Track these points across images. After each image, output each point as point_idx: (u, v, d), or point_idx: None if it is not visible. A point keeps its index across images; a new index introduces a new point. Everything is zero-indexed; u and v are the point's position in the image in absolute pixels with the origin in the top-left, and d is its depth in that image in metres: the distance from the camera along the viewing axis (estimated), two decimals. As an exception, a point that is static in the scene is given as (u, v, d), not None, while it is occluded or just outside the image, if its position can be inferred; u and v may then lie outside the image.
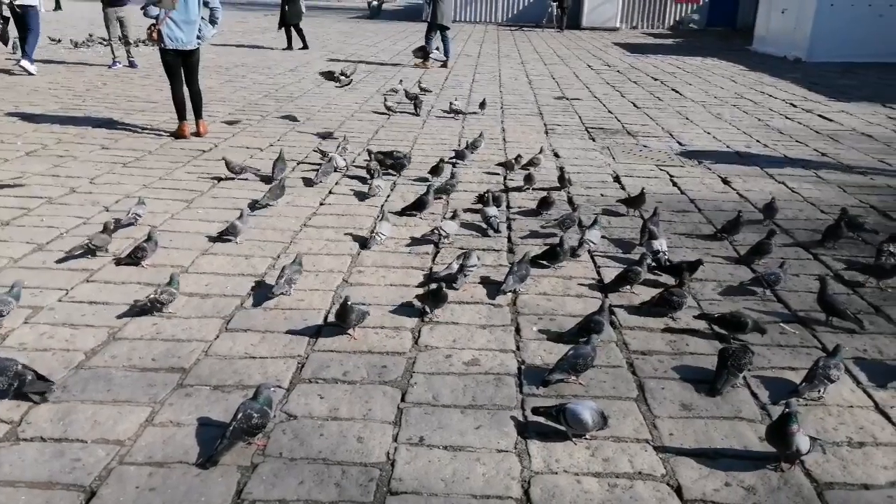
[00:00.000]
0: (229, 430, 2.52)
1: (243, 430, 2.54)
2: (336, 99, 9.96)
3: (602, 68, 14.50)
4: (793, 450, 2.52)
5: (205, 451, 2.54)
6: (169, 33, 6.74)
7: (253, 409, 2.57)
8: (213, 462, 2.49)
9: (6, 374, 2.76)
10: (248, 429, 2.55)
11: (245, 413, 2.55)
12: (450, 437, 2.70)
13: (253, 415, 2.56)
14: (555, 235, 4.77)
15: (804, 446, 2.51)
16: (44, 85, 10.10)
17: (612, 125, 8.73)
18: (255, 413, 2.56)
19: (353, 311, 3.35)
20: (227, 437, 2.51)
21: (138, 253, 4.06)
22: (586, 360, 3.00)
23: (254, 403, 2.60)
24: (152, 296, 3.54)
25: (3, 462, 2.48)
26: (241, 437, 2.55)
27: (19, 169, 5.92)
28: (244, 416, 2.55)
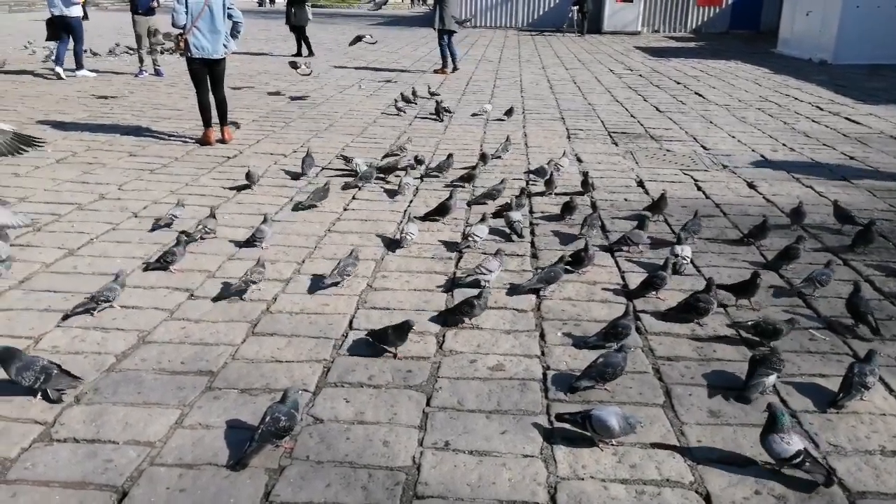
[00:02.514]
0: (258, 433, 2.55)
1: (271, 433, 2.56)
2: (358, 105, 10.03)
3: (624, 72, 14.44)
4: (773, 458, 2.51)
5: (234, 454, 2.57)
6: (195, 42, 6.86)
7: (281, 413, 2.59)
8: (242, 465, 2.51)
9: (33, 369, 2.82)
10: (276, 431, 2.57)
11: (273, 416, 2.58)
12: (475, 442, 2.70)
13: (281, 418, 2.58)
14: (579, 237, 4.77)
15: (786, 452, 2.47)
16: (73, 93, 10.30)
17: (635, 129, 8.68)
18: (282, 416, 2.59)
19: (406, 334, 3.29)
20: (255, 439, 2.54)
21: (168, 258, 4.12)
22: (615, 368, 2.98)
23: (281, 406, 2.63)
24: (245, 277, 3.83)
25: (38, 462, 2.53)
26: (270, 439, 2.57)
27: (50, 176, 6.05)
28: (272, 420, 2.57)
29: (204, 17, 6.78)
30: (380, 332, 3.33)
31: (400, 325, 3.29)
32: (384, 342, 3.30)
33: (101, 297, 3.61)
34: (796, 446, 2.48)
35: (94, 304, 3.60)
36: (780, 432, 2.50)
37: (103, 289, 3.67)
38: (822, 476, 2.46)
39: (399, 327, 3.28)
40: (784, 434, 2.50)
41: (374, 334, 3.34)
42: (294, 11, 15.50)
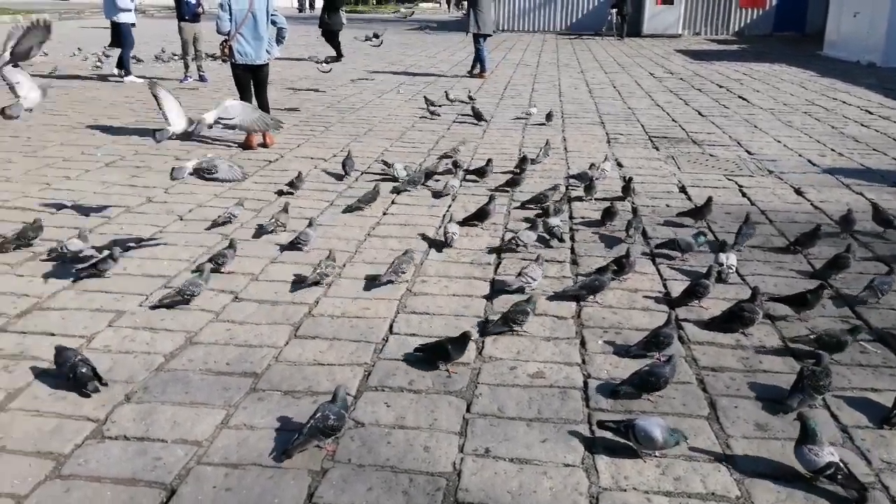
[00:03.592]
0: (306, 427, 2.61)
1: (319, 430, 2.61)
2: (396, 110, 10.10)
3: (665, 76, 14.26)
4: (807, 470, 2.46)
5: (278, 455, 2.62)
6: (239, 49, 7.01)
7: (331, 411, 2.65)
8: (287, 455, 2.57)
9: (65, 364, 2.99)
10: (324, 429, 2.62)
11: (323, 413, 2.64)
12: (515, 450, 2.70)
13: (330, 416, 2.63)
14: (624, 241, 4.74)
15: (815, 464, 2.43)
16: (121, 99, 10.60)
17: (677, 134, 8.56)
18: (332, 414, 2.64)
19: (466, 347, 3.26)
20: (303, 433, 2.60)
21: (219, 259, 4.21)
22: (659, 378, 2.94)
23: (332, 405, 2.68)
24: (319, 270, 4.04)
25: (90, 458, 2.61)
26: (317, 435, 2.62)
27: (100, 179, 6.23)
28: (321, 416, 2.63)
29: (247, 23, 6.92)
30: (436, 347, 3.25)
31: (459, 337, 3.23)
32: (443, 357, 3.22)
33: (186, 292, 3.77)
34: (826, 458, 2.42)
35: (181, 297, 3.76)
36: (811, 444, 2.45)
37: (188, 283, 3.82)
38: (856, 492, 2.40)
39: (458, 340, 3.22)
40: (815, 446, 2.45)
41: (429, 349, 3.27)
42: (328, 16, 15.72)
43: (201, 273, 3.92)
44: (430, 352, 3.26)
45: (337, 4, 15.90)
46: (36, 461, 2.59)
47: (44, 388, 3.03)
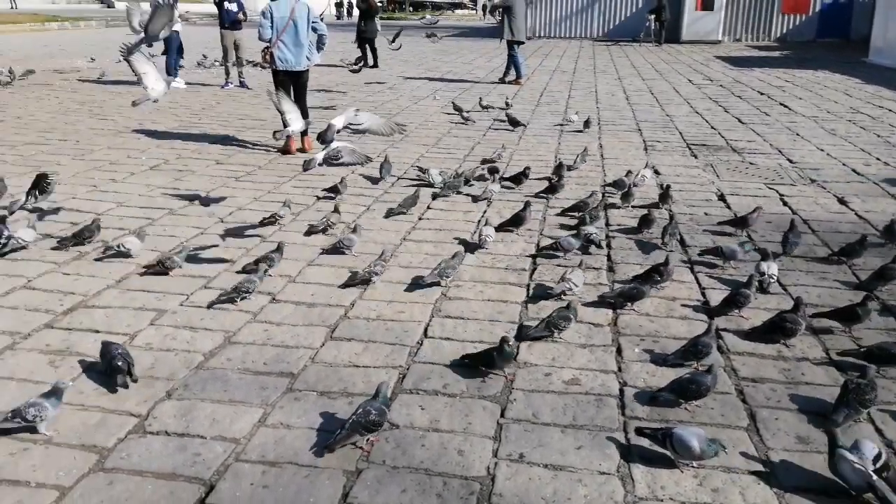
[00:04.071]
0: (348, 423, 2.65)
1: (361, 425, 2.65)
2: (433, 116, 10.15)
3: (704, 83, 14.07)
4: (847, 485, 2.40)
5: (315, 455, 2.65)
6: (280, 55, 7.14)
7: (372, 407, 2.69)
8: (329, 450, 2.63)
9: (106, 356, 3.14)
10: (366, 424, 2.66)
11: (364, 409, 2.69)
12: (550, 456, 2.68)
13: (371, 411, 2.67)
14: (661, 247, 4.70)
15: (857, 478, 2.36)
16: (165, 104, 10.85)
17: (716, 141, 8.44)
18: (374, 410, 2.68)
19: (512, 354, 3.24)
20: (345, 428, 2.64)
21: (268, 262, 4.28)
22: (699, 387, 2.89)
23: (374, 402, 2.72)
24: (368, 268, 4.16)
25: (133, 453, 2.67)
26: (359, 430, 2.65)
27: (145, 182, 6.39)
28: (363, 412, 2.67)
29: (289, 30, 7.04)
30: (483, 355, 3.24)
31: (498, 347, 3.20)
32: (489, 365, 3.20)
33: (242, 289, 3.87)
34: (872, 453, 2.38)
35: (237, 294, 3.87)
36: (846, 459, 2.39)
37: (244, 281, 3.92)
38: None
39: (499, 349, 3.19)
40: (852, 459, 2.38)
41: (476, 357, 3.25)
42: (364, 24, 16.05)
43: (257, 272, 4.03)
44: (477, 361, 3.24)
45: (372, 12, 16.25)
46: (80, 454, 2.66)
47: (88, 384, 3.12)
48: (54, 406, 2.76)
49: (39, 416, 2.71)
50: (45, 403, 2.74)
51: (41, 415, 2.71)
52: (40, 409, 2.72)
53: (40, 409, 2.72)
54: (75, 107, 10.46)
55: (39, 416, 2.71)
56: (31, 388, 3.06)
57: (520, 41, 13.49)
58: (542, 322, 3.56)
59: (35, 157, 7.32)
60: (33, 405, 2.73)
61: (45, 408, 2.73)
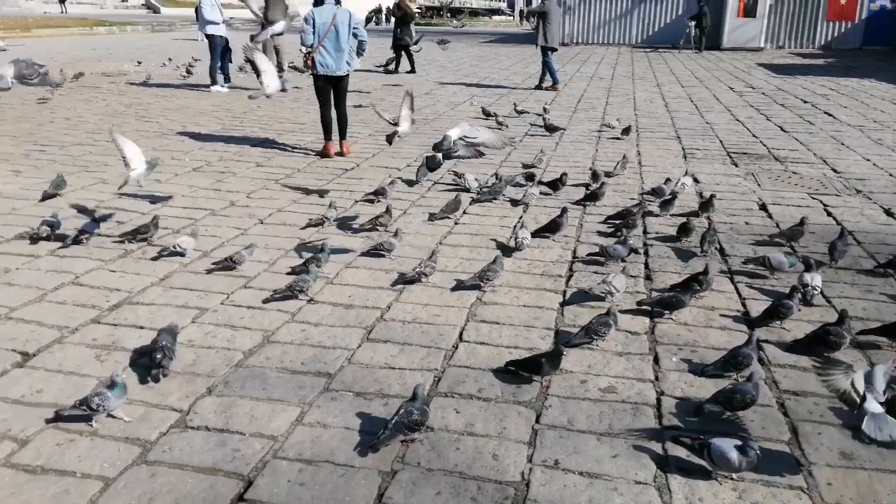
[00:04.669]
0: (392, 423, 2.69)
1: (404, 425, 2.69)
2: (470, 122, 10.16)
3: (745, 90, 13.84)
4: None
5: (350, 454, 2.69)
6: (321, 60, 7.25)
7: (414, 408, 2.74)
8: (374, 449, 2.68)
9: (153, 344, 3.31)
10: (409, 424, 2.70)
11: (406, 409, 2.73)
12: (585, 464, 2.67)
13: (413, 411, 2.72)
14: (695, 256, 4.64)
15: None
16: (208, 107, 11.10)
17: (758, 150, 8.29)
18: (415, 410, 2.73)
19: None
20: (389, 428, 2.68)
21: (315, 262, 4.35)
22: (745, 396, 2.85)
23: (415, 403, 2.76)
24: (418, 268, 4.24)
25: (175, 446, 2.74)
26: (402, 430, 2.70)
27: (188, 183, 6.54)
28: (405, 412, 2.72)
29: (330, 36, 7.14)
30: (529, 362, 3.22)
31: (551, 352, 3.20)
32: (536, 371, 3.18)
33: (296, 288, 3.96)
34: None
35: (291, 292, 3.96)
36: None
37: (298, 280, 4.00)
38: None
39: (551, 355, 3.19)
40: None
41: (521, 364, 3.23)
42: (400, 30, 16.26)
43: (309, 272, 4.13)
44: (523, 367, 3.22)
45: (408, 19, 16.48)
46: (124, 446, 2.74)
47: (133, 378, 3.20)
48: (118, 397, 2.87)
49: (103, 406, 2.82)
50: (108, 394, 2.85)
51: (105, 404, 2.82)
52: (103, 399, 2.83)
53: (103, 399, 2.83)
54: (122, 109, 10.75)
55: (103, 406, 2.82)
56: (78, 381, 3.17)
57: (553, 48, 13.46)
58: (582, 330, 3.53)
59: (84, 157, 7.55)
60: (98, 395, 2.84)
61: (108, 398, 2.84)
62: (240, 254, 4.45)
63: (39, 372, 3.25)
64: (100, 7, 45.31)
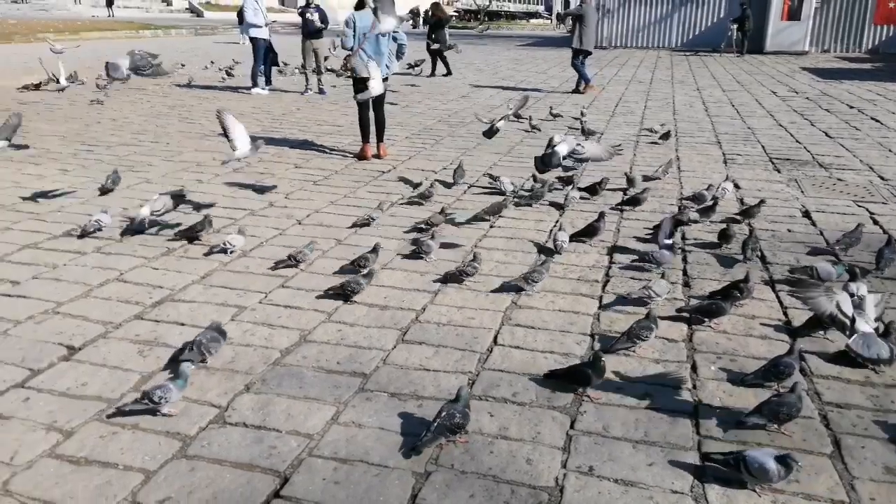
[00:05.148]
0: (434, 425, 2.70)
1: (446, 427, 2.71)
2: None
3: (789, 95, 13.55)
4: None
5: (385, 454, 2.71)
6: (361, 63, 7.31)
7: (456, 410, 2.74)
8: (417, 451, 2.69)
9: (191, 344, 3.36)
10: (451, 426, 2.71)
11: (449, 412, 2.73)
12: (621, 471, 2.64)
13: (456, 414, 2.73)
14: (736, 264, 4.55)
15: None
16: (248, 109, 11.30)
17: (801, 156, 8.11)
18: (457, 413, 2.74)
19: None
20: (431, 430, 2.69)
21: (361, 262, 4.41)
22: (791, 409, 2.78)
23: (456, 405, 2.77)
24: (461, 267, 4.32)
25: (213, 442, 2.79)
26: (444, 432, 2.71)
27: (228, 183, 6.66)
28: (448, 415, 2.72)
29: (370, 39, 7.20)
30: (573, 371, 3.17)
31: (593, 361, 3.14)
32: (581, 381, 3.13)
33: (348, 287, 4.02)
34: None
35: (343, 291, 4.01)
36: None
37: (352, 280, 4.06)
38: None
39: (593, 363, 3.13)
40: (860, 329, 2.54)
41: (564, 373, 3.19)
42: (435, 35, 16.35)
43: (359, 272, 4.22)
44: (566, 377, 3.18)
45: (442, 23, 16.59)
46: (165, 440, 2.80)
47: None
48: (179, 389, 2.95)
49: (165, 398, 2.89)
50: (171, 386, 2.93)
51: (166, 396, 2.90)
52: (165, 392, 2.90)
53: (165, 392, 2.90)
54: (165, 110, 11.01)
55: (165, 398, 2.89)
56: (121, 375, 3.26)
57: (588, 51, 13.38)
58: (624, 335, 3.48)
59: (129, 157, 7.75)
60: (160, 387, 2.91)
61: (170, 390, 2.92)
62: (302, 252, 4.57)
63: (85, 366, 3.35)
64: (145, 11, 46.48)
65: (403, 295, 4.19)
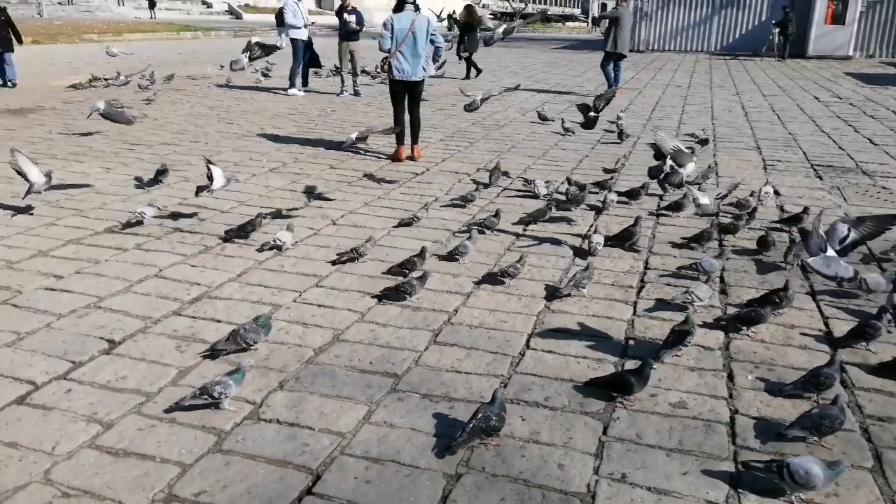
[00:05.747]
0: (469, 427, 2.70)
1: (481, 429, 2.71)
2: (539, 128, 10.12)
3: (832, 100, 13.24)
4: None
5: (416, 455, 2.72)
6: (397, 65, 7.37)
7: (491, 412, 2.74)
8: (451, 452, 2.69)
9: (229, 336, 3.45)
10: (486, 429, 2.71)
11: (484, 414, 2.73)
12: (654, 479, 2.61)
13: (492, 416, 2.72)
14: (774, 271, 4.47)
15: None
16: (284, 110, 11.45)
17: (844, 163, 7.92)
18: (493, 415, 2.73)
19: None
20: (466, 431, 2.69)
21: (408, 266, 4.43)
22: (833, 421, 2.72)
23: (492, 407, 2.76)
24: (504, 268, 4.34)
25: (248, 437, 2.83)
26: (479, 434, 2.71)
27: (264, 183, 6.76)
28: (483, 417, 2.72)
29: (408, 42, 7.25)
30: (615, 381, 3.11)
31: (639, 369, 3.08)
32: (625, 391, 3.06)
33: (402, 289, 4.07)
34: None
35: (397, 293, 4.07)
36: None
37: (406, 282, 4.09)
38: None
39: (639, 372, 3.08)
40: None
41: (607, 382, 3.14)
42: (467, 38, 16.37)
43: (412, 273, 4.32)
44: (606, 386, 3.13)
45: (474, 27, 16.63)
46: (200, 434, 2.85)
47: (211, 368, 3.33)
48: (237, 383, 2.99)
49: (224, 394, 2.94)
50: (229, 381, 2.97)
51: (226, 392, 2.94)
52: (225, 387, 2.94)
53: (225, 387, 2.94)
54: (205, 111, 11.21)
55: (224, 394, 2.94)
56: (159, 370, 3.32)
57: (622, 55, 13.25)
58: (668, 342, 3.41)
59: (169, 156, 7.90)
60: (219, 383, 2.95)
61: (230, 385, 2.95)
62: (364, 246, 4.69)
63: (124, 359, 3.43)
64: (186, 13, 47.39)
65: (436, 297, 4.20)
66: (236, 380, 2.98)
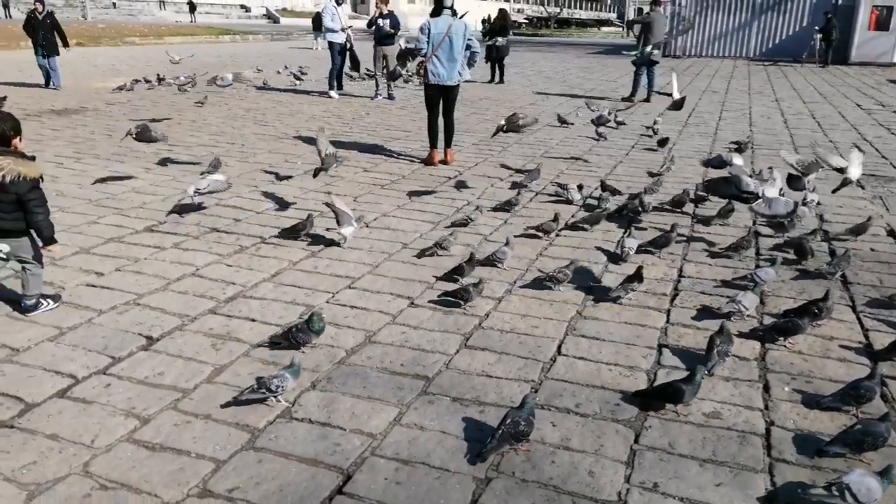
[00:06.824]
0: (499, 433, 2.70)
1: (511, 435, 2.70)
2: (573, 132, 10.07)
3: (875, 108, 12.91)
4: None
5: (446, 458, 2.72)
6: (433, 70, 7.40)
7: (521, 417, 2.73)
8: (482, 458, 2.69)
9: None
10: (516, 434, 2.70)
11: (514, 419, 2.72)
12: (686, 490, 2.57)
13: (521, 422, 2.72)
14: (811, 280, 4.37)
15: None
16: (319, 113, 11.58)
17: (887, 172, 7.72)
18: (522, 420, 2.72)
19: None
20: (496, 437, 2.69)
21: (458, 272, 4.44)
22: (876, 438, 2.65)
23: (521, 412, 2.76)
24: (552, 273, 4.32)
25: (280, 436, 2.87)
26: (509, 440, 2.70)
27: (299, 185, 6.85)
28: (513, 423, 2.71)
29: (444, 46, 7.27)
30: (665, 390, 3.06)
31: (690, 377, 3.03)
32: (675, 400, 3.02)
33: (461, 295, 4.07)
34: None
35: (455, 298, 4.09)
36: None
37: (460, 289, 4.11)
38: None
39: (689, 380, 3.01)
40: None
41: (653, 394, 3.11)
42: (496, 42, 16.38)
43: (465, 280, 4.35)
44: (657, 396, 3.10)
45: (505, 32, 16.66)
46: (235, 432, 2.89)
47: (245, 367, 3.39)
48: (294, 376, 3.05)
49: (281, 387, 3.00)
50: (286, 374, 3.02)
51: (283, 385, 3.00)
52: (282, 381, 3.00)
53: (282, 381, 3.00)
54: (241, 113, 11.39)
55: (281, 387, 3.00)
56: (195, 367, 3.39)
57: (654, 60, 13.14)
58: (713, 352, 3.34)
59: (207, 157, 8.04)
60: (277, 377, 3.01)
61: (287, 378, 3.01)
62: (447, 239, 4.83)
63: (162, 356, 3.50)
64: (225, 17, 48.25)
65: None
66: (293, 373, 3.03)
